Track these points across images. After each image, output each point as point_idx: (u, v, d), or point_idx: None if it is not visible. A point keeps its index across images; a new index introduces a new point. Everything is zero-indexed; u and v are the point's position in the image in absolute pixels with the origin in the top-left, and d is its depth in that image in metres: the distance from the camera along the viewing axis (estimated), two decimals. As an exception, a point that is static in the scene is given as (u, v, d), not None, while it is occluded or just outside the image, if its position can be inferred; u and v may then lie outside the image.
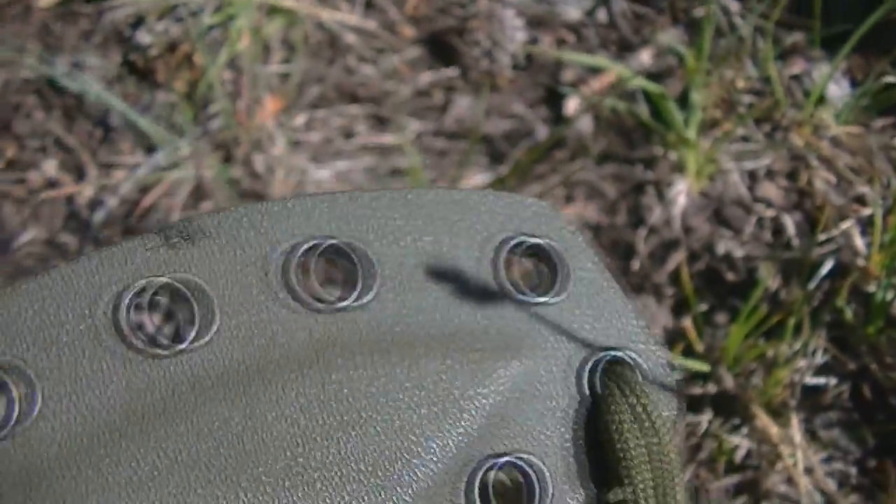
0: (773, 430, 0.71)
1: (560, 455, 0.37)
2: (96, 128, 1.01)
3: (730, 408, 0.75)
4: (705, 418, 0.75)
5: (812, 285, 0.79)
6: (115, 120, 1.00)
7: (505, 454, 0.36)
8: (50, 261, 0.91)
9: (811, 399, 0.76)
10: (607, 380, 0.36)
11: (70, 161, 0.98)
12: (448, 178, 0.90)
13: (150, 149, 0.98)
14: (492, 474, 0.36)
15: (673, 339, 0.78)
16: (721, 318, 0.79)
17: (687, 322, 0.76)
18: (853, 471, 0.74)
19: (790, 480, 0.72)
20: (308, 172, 0.91)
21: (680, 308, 0.80)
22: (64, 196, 0.96)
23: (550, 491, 0.36)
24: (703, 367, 0.75)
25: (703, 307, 0.80)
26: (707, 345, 0.76)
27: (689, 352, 0.76)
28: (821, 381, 0.76)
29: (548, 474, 0.36)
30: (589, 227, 0.87)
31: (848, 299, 0.78)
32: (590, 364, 0.37)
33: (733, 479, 0.73)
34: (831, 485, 0.73)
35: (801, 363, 0.75)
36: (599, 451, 0.36)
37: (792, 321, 0.72)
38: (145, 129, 0.93)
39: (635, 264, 0.83)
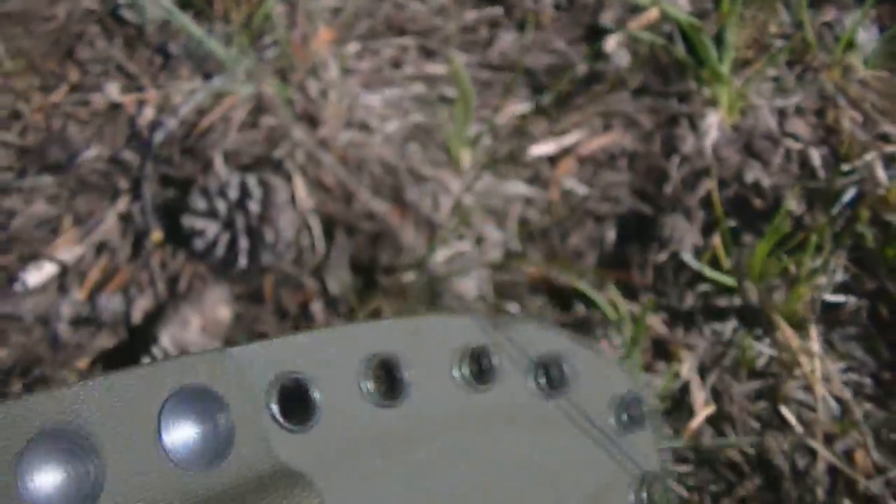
0: (794, 341, 0.77)
1: None
2: (156, 55, 1.07)
3: (754, 319, 0.81)
4: (730, 328, 0.81)
5: (834, 211, 0.84)
6: (175, 48, 1.06)
7: None
8: (111, 177, 0.97)
9: (830, 314, 0.81)
10: None
11: (131, 85, 1.04)
12: (491, 106, 0.96)
13: (207, 75, 1.04)
14: None
15: (702, 255, 0.84)
16: (747, 238, 0.85)
17: (716, 240, 0.82)
18: (868, 381, 0.80)
19: (808, 388, 0.78)
20: (359, 97, 0.97)
21: (708, 229, 0.86)
22: (126, 117, 1.02)
23: None
24: (730, 281, 0.81)
25: (731, 226, 0.86)
26: (734, 262, 0.82)
27: (716, 267, 0.82)
28: (840, 298, 0.82)
29: None
30: (626, 153, 0.93)
31: (868, 225, 0.84)
32: None
33: (755, 385, 0.79)
34: (847, 393, 0.79)
35: (822, 280, 0.81)
36: None
37: (814, 240, 0.77)
38: (209, 49, 0.99)
39: (668, 189, 0.89)
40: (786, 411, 0.78)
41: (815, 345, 0.76)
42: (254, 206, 0.87)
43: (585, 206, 0.90)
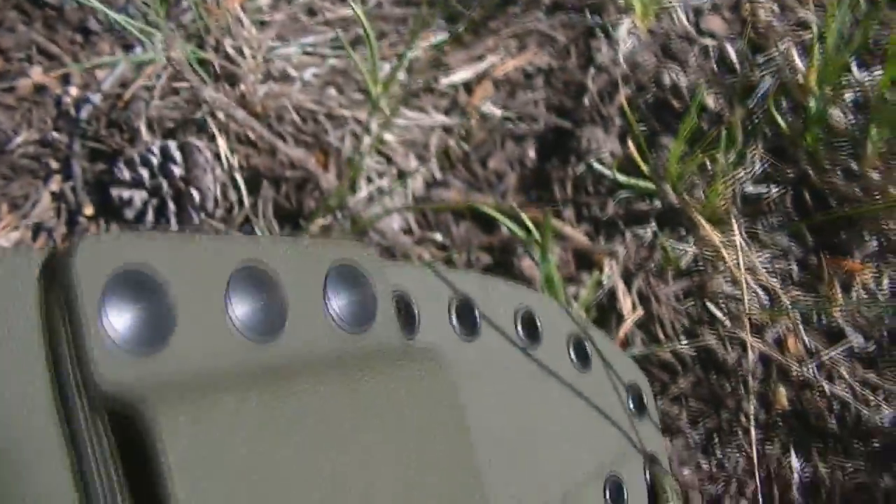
0: (716, 236, 0.79)
1: None
2: (76, 33, 1.09)
3: (675, 220, 0.83)
4: (651, 231, 0.83)
5: (752, 104, 0.86)
6: (94, 24, 1.08)
7: None
8: (42, 158, 1.00)
9: (753, 206, 0.83)
10: None
11: (55, 66, 1.06)
12: (406, 41, 0.97)
13: (127, 47, 1.06)
14: None
15: (621, 163, 0.86)
16: (666, 141, 0.86)
17: (631, 147, 0.84)
18: (795, 268, 0.82)
19: (734, 281, 0.80)
20: (276, 49, 0.99)
21: (626, 136, 0.87)
22: (53, 98, 1.05)
23: None
24: (649, 185, 0.83)
25: (648, 132, 0.87)
26: (653, 166, 0.84)
27: (636, 173, 0.84)
28: (761, 189, 0.84)
29: None
30: (541, 71, 0.94)
31: (784, 113, 0.85)
32: None
33: (681, 285, 0.81)
34: (774, 282, 0.81)
35: (740, 173, 0.83)
36: None
37: (726, 134, 0.79)
38: (123, 26, 1.01)
39: (585, 101, 0.91)
40: (713, 307, 0.80)
41: (738, 238, 0.78)
42: (177, 170, 0.89)
43: (504, 129, 0.92)
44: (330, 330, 0.45)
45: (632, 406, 0.68)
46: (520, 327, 0.59)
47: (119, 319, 0.37)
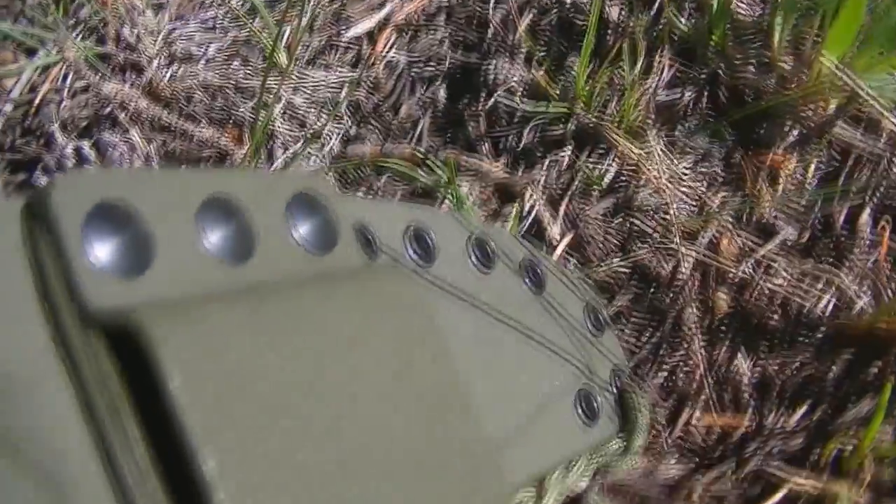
0: (634, 149, 0.77)
1: None
2: (-22, 46, 1.06)
3: (593, 140, 0.81)
4: (569, 154, 0.81)
5: (653, 10, 0.84)
6: (-5, 34, 1.05)
7: None
8: (-36, 177, 0.97)
9: (668, 114, 0.81)
10: None
11: (-39, 83, 1.04)
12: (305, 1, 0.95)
13: (30, 52, 1.03)
14: None
15: (530, 90, 0.84)
16: (574, 62, 0.84)
17: (539, 72, 0.82)
18: (719, 169, 0.80)
19: (658, 191, 0.78)
20: (176, 31, 0.96)
21: (532, 62, 0.85)
22: (-36, 116, 1.02)
23: None
24: (561, 108, 0.81)
25: (555, 55, 0.85)
26: (563, 88, 0.82)
27: (546, 98, 0.82)
28: (674, 95, 0.82)
29: None
30: (442, 10, 0.92)
31: (690, 15, 0.83)
32: None
33: (607, 203, 0.79)
34: (700, 187, 0.80)
35: (650, 82, 0.81)
36: None
37: (629, 41, 0.77)
38: (17, 37, 0.99)
39: (489, 33, 0.88)
40: (642, 221, 0.79)
41: (655, 148, 0.76)
42: (93, 169, 0.87)
43: (411, 74, 0.90)
44: (297, 253, 0.47)
45: (590, 324, 0.70)
46: (474, 254, 0.61)
47: (101, 248, 0.39)
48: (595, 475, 0.67)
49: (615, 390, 0.69)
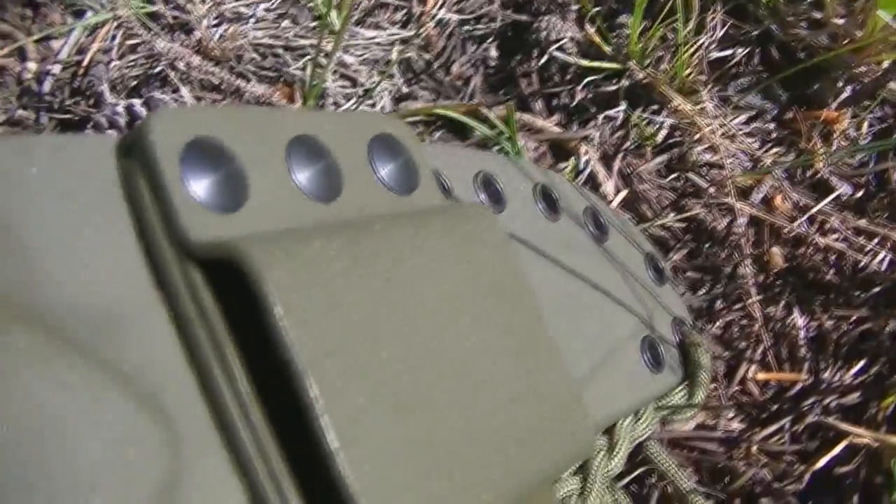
0: (688, 106, 0.76)
1: None
2: (26, 9, 1.05)
3: (646, 97, 0.80)
4: (623, 111, 0.80)
5: (706, -32, 0.83)
6: (41, -4, 1.04)
7: None
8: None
9: (721, 71, 0.80)
10: None
11: (9, 44, 1.03)
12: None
13: (78, 13, 1.02)
14: None
15: (584, 49, 0.82)
16: (626, 19, 0.83)
17: (591, 30, 0.80)
18: (772, 126, 0.79)
19: (713, 148, 0.77)
20: (225, -8, 0.95)
21: (585, 20, 0.84)
22: (13, 77, 1.01)
23: None
24: (614, 65, 0.80)
25: (606, 13, 0.84)
26: (615, 46, 0.81)
27: (600, 56, 0.81)
28: (727, 52, 0.81)
29: None
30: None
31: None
32: None
33: (661, 160, 0.78)
34: (753, 143, 0.78)
35: (703, 39, 0.79)
36: None
37: (680, 0, 0.76)
38: (65, -5, 0.97)
39: (538, -8, 0.87)
40: (696, 177, 0.77)
41: (709, 104, 0.75)
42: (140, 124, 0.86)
43: (462, 32, 0.88)
44: (382, 192, 0.48)
45: (651, 274, 0.69)
46: (541, 201, 0.61)
47: (197, 184, 0.38)
48: (659, 427, 0.67)
49: (677, 340, 0.68)
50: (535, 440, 0.45)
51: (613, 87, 0.80)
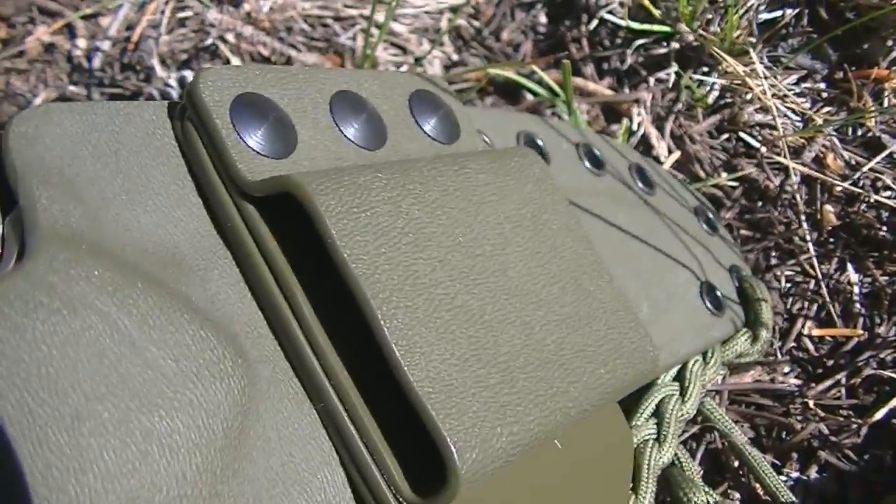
0: (739, 67, 0.76)
1: None
2: (74, -14, 1.06)
3: (696, 59, 0.80)
4: (674, 73, 0.80)
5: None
6: (89, -26, 1.05)
7: None
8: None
9: (771, 32, 0.80)
10: None
11: (58, 22, 1.03)
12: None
13: (126, -10, 1.03)
14: None
15: (633, 12, 0.82)
16: (674, -17, 0.83)
17: (641, -7, 0.80)
18: (822, 86, 0.79)
19: (764, 108, 0.77)
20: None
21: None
22: (63, 54, 1.02)
23: None
24: (665, 28, 0.80)
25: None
26: (664, 9, 0.81)
27: (649, 19, 0.81)
28: (776, 13, 0.80)
29: None
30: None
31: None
32: None
33: (713, 120, 0.78)
34: (804, 103, 0.78)
35: (752, 1, 0.79)
36: None
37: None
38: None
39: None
40: (748, 137, 0.77)
41: (759, 66, 0.75)
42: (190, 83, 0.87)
43: (511, 0, 0.88)
44: (426, 141, 0.49)
45: (703, 224, 0.69)
46: (585, 158, 0.62)
47: (249, 133, 0.41)
48: (723, 380, 0.67)
49: (735, 286, 0.68)
50: (596, 356, 0.46)
51: (664, 50, 0.80)
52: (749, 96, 0.76)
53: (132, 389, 0.32)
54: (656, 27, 0.79)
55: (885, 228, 0.73)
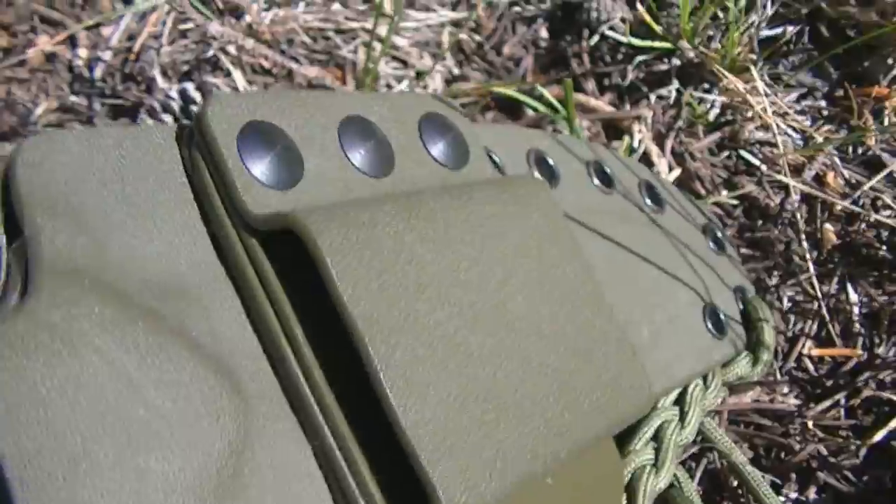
0: (740, 84, 0.76)
1: None
2: (75, -4, 1.06)
3: (697, 76, 0.80)
4: (675, 89, 0.80)
5: (754, -53, 0.82)
6: (90, -17, 1.05)
7: None
8: (65, 124, 0.97)
9: (772, 49, 0.79)
10: None
11: (60, 32, 1.03)
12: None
13: (126, 0, 1.03)
14: None
15: (634, 28, 0.82)
16: (675, -1, 0.83)
17: (642, 9, 0.80)
18: (823, 104, 0.79)
19: (765, 126, 0.77)
20: (273, -24, 0.95)
21: (634, 0, 0.84)
22: (64, 63, 1.02)
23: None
24: (666, 44, 0.80)
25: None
26: (666, 25, 0.80)
27: (651, 35, 0.80)
28: (777, 30, 0.80)
29: None
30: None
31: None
32: None
33: (713, 138, 0.78)
34: (805, 122, 0.78)
35: (753, 18, 0.79)
36: None
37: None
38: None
39: (589, -27, 0.87)
40: (748, 155, 0.77)
41: (759, 83, 0.74)
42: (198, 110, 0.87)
43: (512, 13, 0.88)
44: (434, 167, 0.49)
45: (711, 243, 0.69)
46: (595, 176, 0.62)
47: (255, 163, 0.40)
48: (723, 400, 0.67)
49: (739, 308, 0.68)
50: (592, 393, 0.46)
51: (665, 67, 0.80)
52: (750, 114, 0.76)
53: (129, 430, 0.33)
54: (657, 44, 0.79)
55: (884, 248, 0.73)
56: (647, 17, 0.79)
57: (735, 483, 0.64)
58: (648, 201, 0.65)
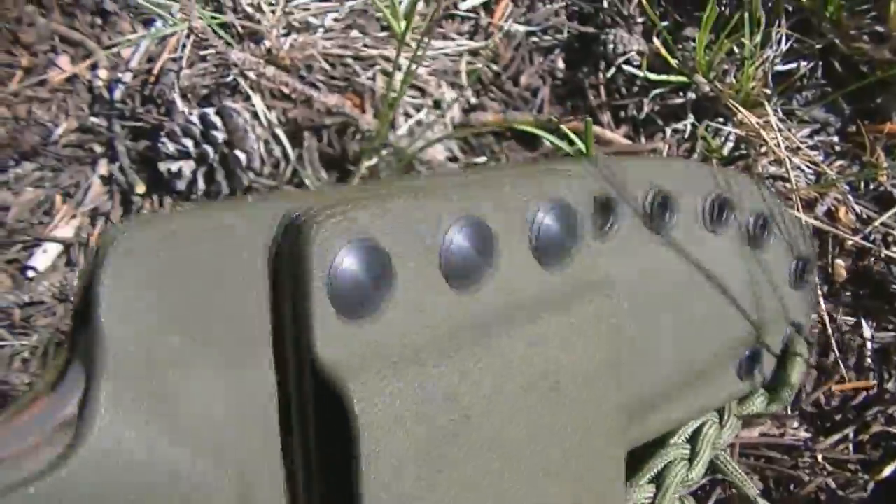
0: (753, 119, 0.77)
1: None
2: (95, 17, 1.07)
3: (712, 110, 0.81)
4: (690, 123, 0.81)
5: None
6: (110, 5, 1.06)
7: None
8: (85, 145, 0.99)
9: (785, 84, 0.80)
10: None
11: (80, 53, 1.04)
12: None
13: (147, 22, 1.04)
14: None
15: (650, 61, 0.83)
16: (691, 32, 0.84)
17: (658, 43, 0.81)
18: (835, 139, 0.80)
19: (778, 161, 0.78)
20: (292, 0, 0.96)
21: (650, 33, 0.85)
22: (84, 84, 1.03)
23: None
24: (681, 78, 0.81)
25: (672, 26, 0.85)
26: (681, 59, 0.82)
27: (666, 69, 0.82)
28: (791, 66, 0.81)
29: None
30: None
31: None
32: None
33: (727, 171, 0.80)
34: (817, 156, 0.79)
35: (768, 53, 0.80)
36: None
37: (748, 14, 0.77)
38: (139, 2, 0.99)
39: (605, 3, 0.88)
40: (762, 188, 0.78)
41: (774, 118, 0.76)
42: (219, 135, 0.88)
43: (529, 44, 0.89)
44: (535, 270, 0.46)
45: (794, 278, 0.66)
46: (708, 215, 0.60)
47: (340, 288, 0.38)
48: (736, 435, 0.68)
49: (783, 345, 0.67)
50: None
51: (680, 100, 0.81)
52: (763, 148, 0.77)
53: None
54: (673, 77, 0.80)
55: (895, 283, 0.74)
56: (663, 51, 0.80)
57: (746, 516, 0.65)
58: (749, 241, 0.63)
